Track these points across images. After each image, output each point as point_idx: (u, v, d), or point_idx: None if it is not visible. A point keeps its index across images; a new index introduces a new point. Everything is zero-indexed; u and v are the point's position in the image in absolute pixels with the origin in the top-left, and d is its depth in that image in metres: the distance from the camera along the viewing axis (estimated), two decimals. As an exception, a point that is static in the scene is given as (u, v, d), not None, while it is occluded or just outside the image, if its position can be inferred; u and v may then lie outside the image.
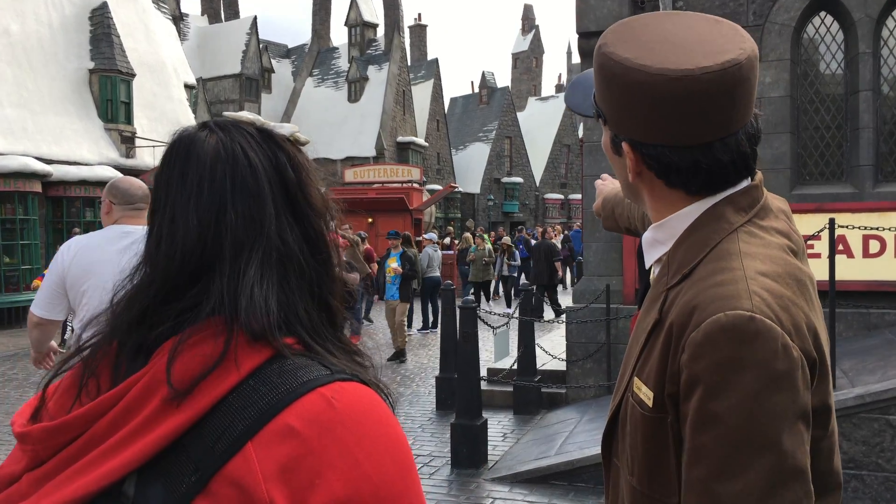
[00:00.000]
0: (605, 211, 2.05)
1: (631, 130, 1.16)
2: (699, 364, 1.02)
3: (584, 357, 7.98)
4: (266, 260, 0.91)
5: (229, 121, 1.01)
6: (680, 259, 1.17)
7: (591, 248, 8.28)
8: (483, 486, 5.89)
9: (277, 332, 0.88)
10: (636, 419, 1.15)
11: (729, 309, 1.02)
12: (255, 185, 0.93)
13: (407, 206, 22.61)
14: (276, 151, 0.96)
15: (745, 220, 1.16)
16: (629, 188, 1.27)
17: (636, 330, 1.23)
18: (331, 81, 45.02)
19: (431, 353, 12.23)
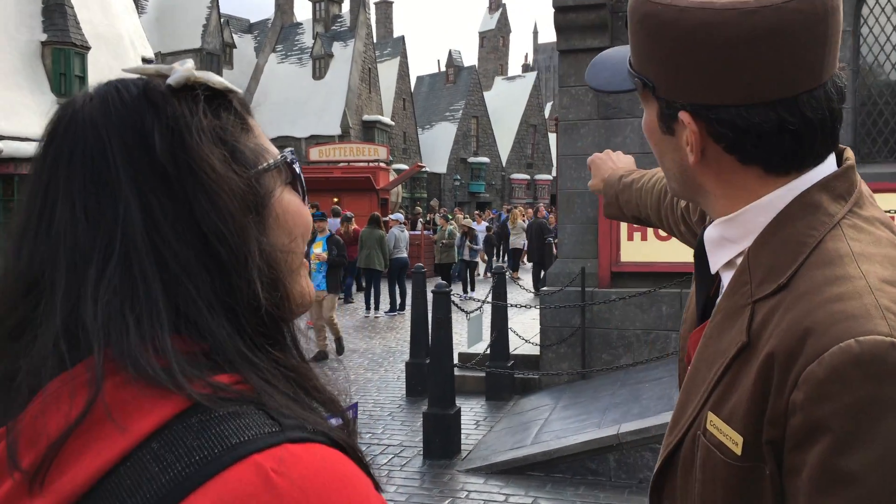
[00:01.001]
0: (608, 197, 1.79)
1: (693, 92, 0.91)
2: (825, 407, 0.77)
3: (559, 341, 7.79)
4: (133, 271, 0.64)
5: (116, 79, 0.73)
6: (769, 263, 0.91)
7: (565, 230, 8.06)
8: (457, 477, 5.67)
9: (190, 369, 0.62)
10: (714, 467, 0.90)
11: (860, 333, 0.77)
12: (102, 166, 0.66)
13: (373, 186, 22.26)
14: (142, 112, 0.68)
15: (846, 210, 0.91)
16: (685, 177, 1.00)
17: (704, 351, 0.97)
18: (294, 58, 44.26)
19: (399, 336, 11.97)
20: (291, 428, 0.61)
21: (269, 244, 0.71)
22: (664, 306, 7.37)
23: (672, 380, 6.47)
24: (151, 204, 0.66)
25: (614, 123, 7.74)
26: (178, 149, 0.67)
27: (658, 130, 0.99)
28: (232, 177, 0.69)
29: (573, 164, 7.91)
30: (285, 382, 0.67)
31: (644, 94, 1.00)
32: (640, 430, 5.35)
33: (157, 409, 0.60)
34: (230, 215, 0.67)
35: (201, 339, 0.65)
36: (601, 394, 6.82)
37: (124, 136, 0.67)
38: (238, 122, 0.74)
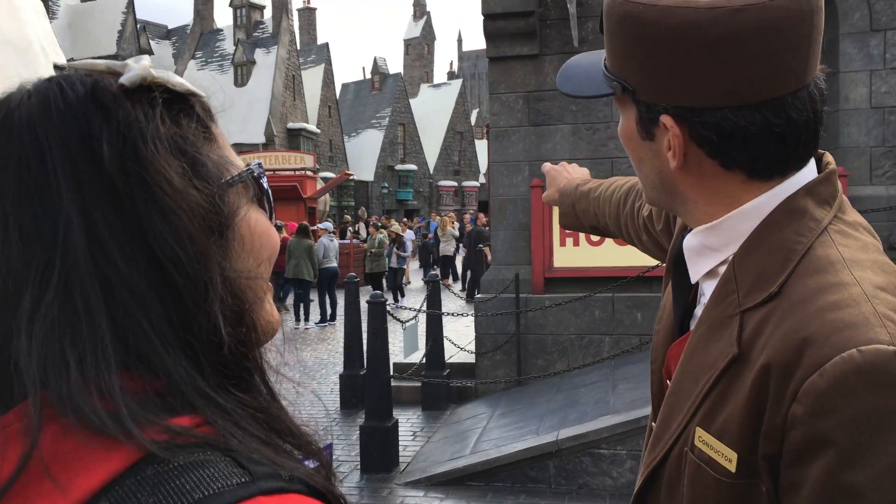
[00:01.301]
0: (564, 206, 1.74)
1: (676, 95, 0.87)
2: (828, 420, 0.74)
3: (494, 349, 7.77)
4: (75, 300, 0.54)
5: (60, 75, 0.62)
6: (757, 271, 0.87)
7: (498, 237, 8.06)
8: (396, 491, 5.57)
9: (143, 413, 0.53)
10: (705, 485, 0.86)
11: (861, 342, 0.74)
12: (40, 176, 0.56)
13: (301, 195, 21.95)
14: (89, 115, 0.58)
15: (831, 215, 0.89)
16: (664, 184, 0.96)
17: (688, 364, 0.93)
18: (215, 64, 43.36)
19: (331, 347, 11.78)
20: (264, 477, 0.53)
21: (233, 270, 0.61)
22: (597, 311, 7.45)
23: (607, 384, 6.53)
24: (97, 222, 0.56)
25: (544, 130, 7.79)
26: (130, 159, 0.57)
27: (637, 136, 0.95)
28: (192, 193, 0.59)
29: (505, 171, 7.93)
30: (255, 424, 0.59)
31: (621, 99, 0.96)
32: (579, 435, 5.36)
33: (104, 461, 0.51)
34: (189, 237, 0.58)
35: (154, 376, 0.55)
36: (538, 400, 6.82)
37: (67, 142, 0.57)
38: (200, 131, 0.64)
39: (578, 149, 7.67)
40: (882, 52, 7.27)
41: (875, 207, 6.64)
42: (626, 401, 5.79)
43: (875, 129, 7.30)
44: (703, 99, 0.86)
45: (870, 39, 7.27)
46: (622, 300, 7.37)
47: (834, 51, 7.39)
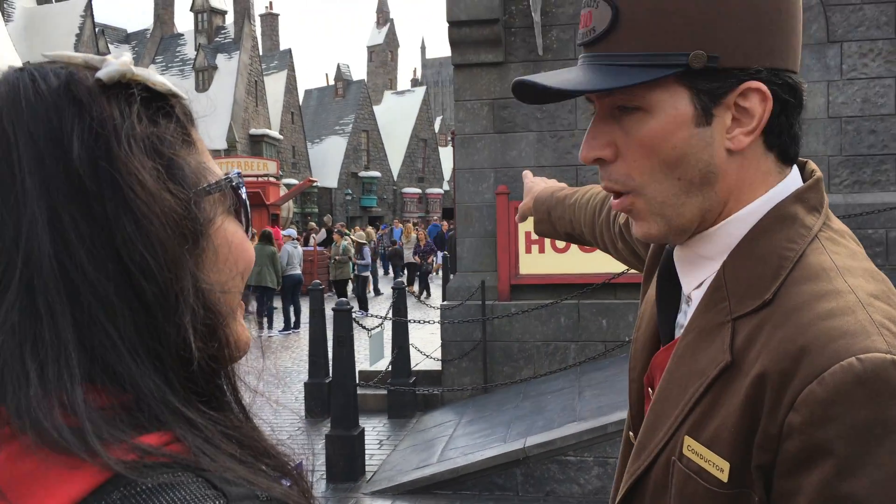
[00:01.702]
0: (539, 213, 1.71)
1: (770, 53, 0.85)
2: (827, 429, 0.72)
3: (460, 356, 7.75)
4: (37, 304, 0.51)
5: (33, 65, 0.59)
6: (749, 278, 0.85)
7: (464, 244, 8.06)
8: (362, 501, 5.51)
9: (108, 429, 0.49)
10: (694, 494, 0.84)
11: (859, 351, 0.73)
12: (4, 170, 0.53)
13: (264, 201, 21.70)
14: (61, 109, 0.54)
15: (821, 222, 0.88)
16: (703, 181, 0.86)
17: (675, 372, 0.91)
18: (176, 69, 42.79)
19: (295, 355, 11.65)
20: (239, 498, 0.50)
21: (206, 282, 0.58)
22: (563, 318, 7.48)
23: (573, 390, 6.55)
24: (64, 222, 0.52)
25: (510, 137, 7.81)
26: (102, 158, 0.54)
27: (687, 127, 0.84)
28: (166, 197, 0.56)
29: (470, 178, 7.93)
30: (227, 442, 0.55)
31: (656, 89, 0.84)
32: (546, 442, 5.35)
33: (65, 485, 0.47)
34: (160, 244, 0.54)
35: (120, 390, 0.52)
36: (505, 407, 6.81)
37: (35, 136, 0.53)
38: (179, 133, 0.61)
39: (543, 156, 7.71)
40: (839, 63, 7.43)
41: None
42: (593, 407, 5.81)
43: (833, 138, 7.46)
44: (786, 59, 0.86)
45: (827, 50, 7.43)
46: (587, 307, 7.41)
47: (792, 61, 7.55)
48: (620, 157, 0.89)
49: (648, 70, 0.83)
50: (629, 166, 0.88)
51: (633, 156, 0.87)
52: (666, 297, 1.01)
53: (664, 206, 0.88)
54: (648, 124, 0.85)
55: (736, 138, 0.85)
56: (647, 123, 0.85)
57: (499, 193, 7.62)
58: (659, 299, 1.03)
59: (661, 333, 1.02)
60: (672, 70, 0.82)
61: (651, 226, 0.90)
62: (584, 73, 0.88)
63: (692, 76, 0.83)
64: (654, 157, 0.86)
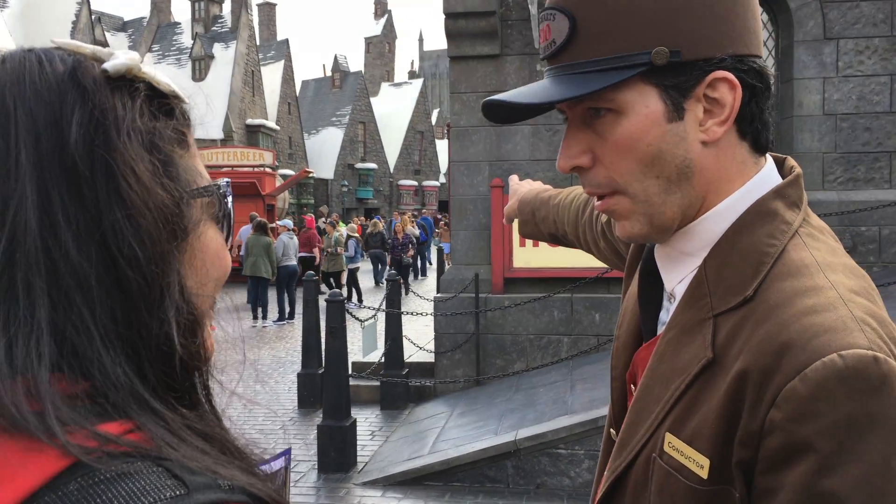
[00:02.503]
0: (524, 214, 1.71)
1: (733, 40, 0.85)
2: (809, 426, 0.72)
3: (453, 348, 7.76)
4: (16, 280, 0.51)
5: (40, 48, 0.59)
6: (730, 274, 0.85)
7: (458, 237, 8.06)
8: (353, 491, 5.52)
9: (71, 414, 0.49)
10: (675, 492, 0.84)
11: (841, 347, 0.73)
12: (3, 147, 0.53)
13: (259, 192, 21.68)
14: (64, 93, 0.55)
15: (801, 218, 0.88)
16: (680, 176, 0.87)
17: (657, 368, 0.91)
18: (172, 58, 42.62)
19: (289, 346, 11.65)
20: (201, 488, 0.49)
21: (191, 279, 0.59)
22: (556, 311, 7.49)
23: (565, 384, 6.57)
24: (53, 203, 0.52)
25: (505, 130, 7.81)
26: (100, 146, 0.54)
27: (660, 123, 0.85)
28: (159, 192, 0.56)
29: (465, 171, 7.93)
30: (193, 435, 0.55)
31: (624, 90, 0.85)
32: (538, 435, 5.37)
33: (20, 473, 0.46)
34: (149, 237, 0.55)
35: (84, 376, 0.51)
36: (497, 400, 6.83)
37: (35, 116, 0.54)
38: (177, 134, 0.61)
39: (538, 149, 7.71)
40: (835, 60, 7.44)
41: (827, 212, 6.80)
42: (584, 401, 5.83)
43: (827, 135, 7.47)
44: (748, 44, 0.86)
45: (823, 47, 7.44)
46: (580, 301, 7.42)
47: (788, 58, 7.55)
48: (598, 161, 0.89)
49: (612, 73, 0.83)
50: (608, 169, 0.88)
51: (610, 159, 0.87)
52: (648, 295, 1.01)
53: (646, 205, 0.88)
54: (622, 125, 0.86)
55: (710, 130, 0.85)
56: (620, 125, 0.86)
57: (493, 186, 7.62)
58: (641, 296, 1.02)
59: (644, 330, 1.02)
60: (636, 70, 0.83)
61: (633, 225, 0.90)
62: (550, 85, 0.88)
63: (658, 73, 0.83)
64: (630, 157, 0.86)
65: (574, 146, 0.90)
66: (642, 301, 1.02)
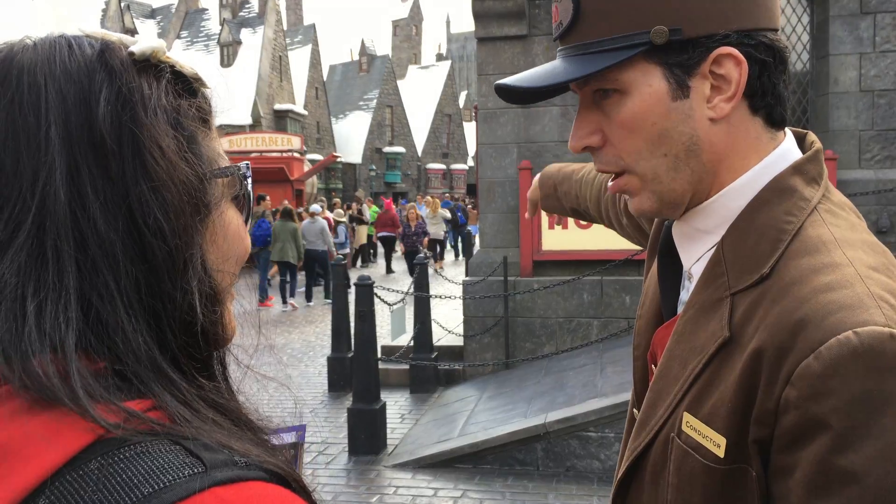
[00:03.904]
0: (546, 188, 1.70)
1: (736, 15, 0.84)
2: (823, 403, 0.72)
3: (482, 331, 7.76)
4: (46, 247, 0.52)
5: (69, 33, 0.61)
6: (747, 252, 0.85)
7: (486, 220, 8.03)
8: (384, 473, 5.56)
9: (97, 389, 0.50)
10: (692, 470, 0.84)
11: (856, 324, 0.72)
12: (32, 119, 0.54)
13: (287, 177, 21.80)
14: (93, 72, 0.57)
15: (820, 194, 0.87)
16: (689, 153, 0.87)
17: (675, 348, 0.90)
18: (201, 45, 42.90)
19: (319, 329, 11.75)
20: (218, 466, 0.50)
21: (212, 253, 0.61)
22: (585, 294, 7.45)
23: (595, 367, 6.53)
24: (82, 176, 0.54)
25: (533, 112, 7.74)
26: (128, 121, 0.56)
27: (664, 102, 0.85)
28: (183, 168, 0.58)
29: (493, 153, 7.88)
30: (207, 407, 0.56)
31: (628, 69, 0.85)
32: (567, 418, 5.36)
33: (43, 450, 0.47)
34: (174, 211, 0.57)
35: (106, 344, 0.53)
36: (526, 383, 6.82)
37: (66, 94, 0.55)
38: (200, 114, 0.64)
39: (567, 131, 7.63)
40: (872, 35, 7.25)
41: (864, 191, 6.66)
42: (614, 384, 5.80)
43: (864, 112, 7.30)
44: (756, 18, 0.84)
45: (860, 22, 7.25)
46: (610, 283, 7.36)
47: (824, 33, 7.37)
48: (607, 141, 0.90)
49: (614, 53, 0.85)
50: (616, 148, 0.90)
51: (617, 137, 0.89)
52: (667, 275, 1.01)
53: (654, 181, 0.89)
54: (627, 105, 0.87)
55: (717, 106, 0.86)
56: (625, 104, 0.87)
57: (522, 169, 7.57)
58: (661, 277, 1.02)
59: (664, 310, 1.02)
60: (636, 50, 0.84)
61: (643, 201, 0.91)
62: (558, 66, 0.90)
63: (660, 52, 0.84)
64: (636, 136, 0.87)
65: (584, 126, 0.91)
66: (662, 281, 1.02)
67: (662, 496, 0.89)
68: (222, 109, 0.72)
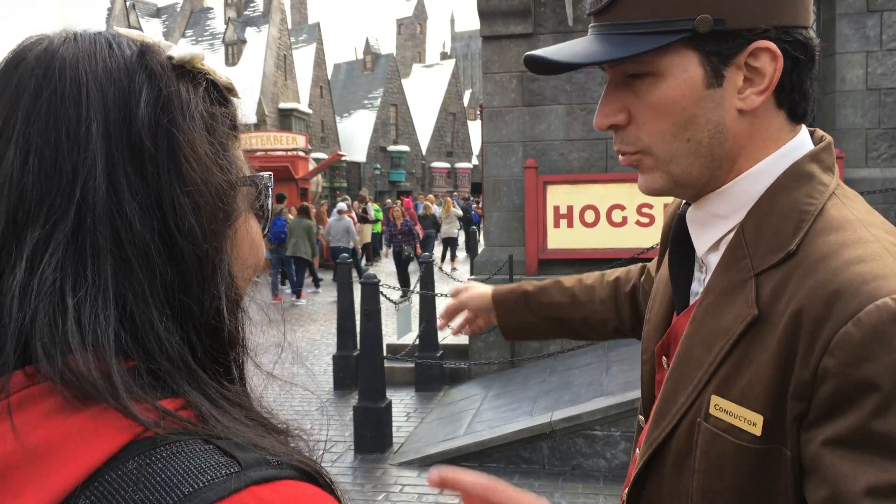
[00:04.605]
0: (509, 303, 1.49)
1: (777, 11, 0.85)
2: (865, 369, 0.73)
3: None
4: (85, 244, 0.52)
5: (108, 32, 0.62)
6: (770, 233, 0.85)
7: (492, 218, 8.03)
8: (390, 471, 5.57)
9: (134, 387, 0.50)
10: (723, 453, 0.83)
11: (893, 291, 0.74)
12: (73, 115, 0.54)
13: (293, 175, 21.82)
14: (133, 72, 0.57)
15: (836, 181, 0.89)
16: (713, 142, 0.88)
17: (696, 335, 0.90)
18: (206, 43, 42.94)
19: (323, 328, 11.75)
20: (254, 465, 0.50)
21: (236, 258, 0.62)
22: (591, 292, 7.43)
23: (600, 365, 6.53)
24: (119, 174, 0.54)
25: (538, 110, 7.73)
26: (166, 125, 0.56)
27: (698, 89, 0.86)
28: (217, 174, 0.59)
29: (498, 152, 7.88)
30: (237, 409, 0.57)
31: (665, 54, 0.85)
32: (573, 416, 5.35)
33: (83, 450, 0.47)
34: (206, 215, 0.57)
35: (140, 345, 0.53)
36: (531, 381, 6.82)
37: (106, 91, 0.56)
38: (231, 123, 0.65)
39: (573, 129, 7.62)
40: (878, 34, 7.22)
41: (870, 189, 6.64)
42: (620, 382, 5.79)
43: (871, 110, 7.28)
44: (795, 16, 0.85)
45: (866, 20, 7.23)
46: (616, 282, 7.35)
47: (830, 31, 7.35)
48: (633, 121, 0.90)
49: (655, 37, 0.84)
50: (640, 129, 0.90)
51: (644, 118, 0.89)
52: (679, 268, 1.01)
53: (672, 163, 0.90)
54: (660, 88, 0.87)
55: (748, 98, 0.86)
56: (658, 87, 0.87)
57: (527, 167, 7.57)
58: (672, 270, 1.02)
59: (677, 305, 1.01)
60: (678, 36, 0.84)
61: (656, 180, 0.92)
62: (593, 43, 0.89)
63: (700, 40, 0.84)
64: (665, 119, 0.88)
65: (611, 104, 0.91)
66: (674, 274, 1.01)
67: (686, 484, 0.88)
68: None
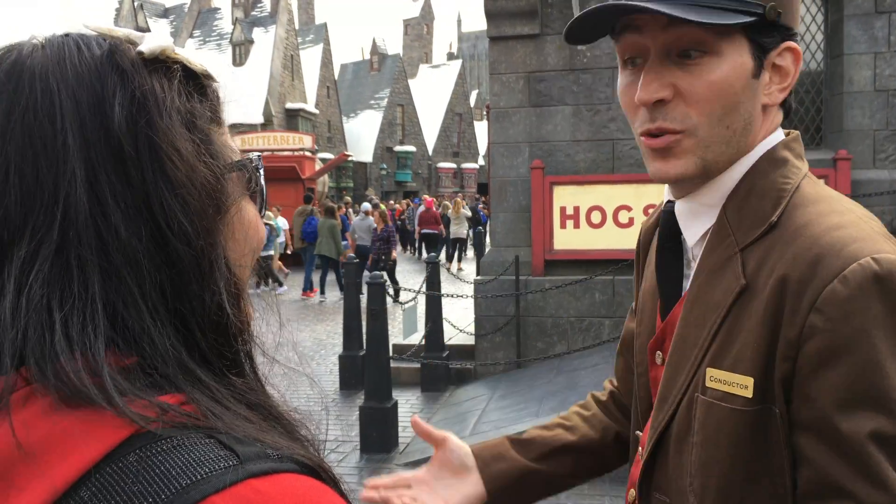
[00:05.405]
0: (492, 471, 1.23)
1: (797, 15, 0.94)
2: (852, 323, 0.77)
3: (494, 331, 7.76)
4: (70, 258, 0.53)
5: (75, 33, 0.61)
6: (751, 211, 0.90)
7: (498, 219, 8.02)
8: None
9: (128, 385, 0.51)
10: (719, 420, 0.86)
11: (873, 251, 0.79)
12: (48, 128, 0.54)
13: (299, 175, 21.84)
14: (104, 76, 0.56)
15: (806, 168, 0.95)
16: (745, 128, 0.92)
17: (690, 316, 0.93)
18: (213, 44, 43.06)
19: (329, 328, 11.77)
20: (252, 458, 0.51)
21: (233, 251, 0.61)
22: (597, 293, 7.43)
23: (607, 367, 6.52)
24: (101, 184, 0.54)
25: (545, 111, 7.73)
26: (144, 126, 0.56)
27: (748, 75, 0.90)
28: (202, 170, 0.58)
29: (505, 152, 7.88)
30: (239, 404, 0.57)
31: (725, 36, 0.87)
32: (579, 417, 5.35)
33: (82, 445, 0.48)
34: (196, 213, 0.57)
35: (134, 349, 0.53)
36: (537, 382, 6.82)
37: (79, 98, 0.55)
38: (211, 111, 0.63)
39: (579, 130, 7.62)
40: (887, 35, 7.20)
41: (878, 191, 6.62)
42: (626, 383, 5.78)
43: (879, 112, 7.25)
44: (797, 20, 0.94)
45: (875, 21, 7.20)
46: (622, 283, 7.35)
47: (838, 33, 7.32)
48: (680, 97, 0.90)
49: (728, 14, 0.85)
50: (689, 107, 0.90)
51: (696, 97, 0.89)
52: (668, 268, 1.03)
53: (708, 149, 0.91)
54: (721, 68, 0.88)
55: (773, 94, 0.92)
56: (719, 67, 0.88)
57: (533, 168, 7.57)
58: (661, 273, 1.03)
59: (670, 298, 1.02)
60: (748, 18, 0.86)
61: (688, 165, 0.92)
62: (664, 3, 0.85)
63: (755, 28, 0.88)
64: (718, 101, 0.89)
65: (657, 80, 0.91)
66: (663, 277, 1.03)
67: (686, 461, 0.89)
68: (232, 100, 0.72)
